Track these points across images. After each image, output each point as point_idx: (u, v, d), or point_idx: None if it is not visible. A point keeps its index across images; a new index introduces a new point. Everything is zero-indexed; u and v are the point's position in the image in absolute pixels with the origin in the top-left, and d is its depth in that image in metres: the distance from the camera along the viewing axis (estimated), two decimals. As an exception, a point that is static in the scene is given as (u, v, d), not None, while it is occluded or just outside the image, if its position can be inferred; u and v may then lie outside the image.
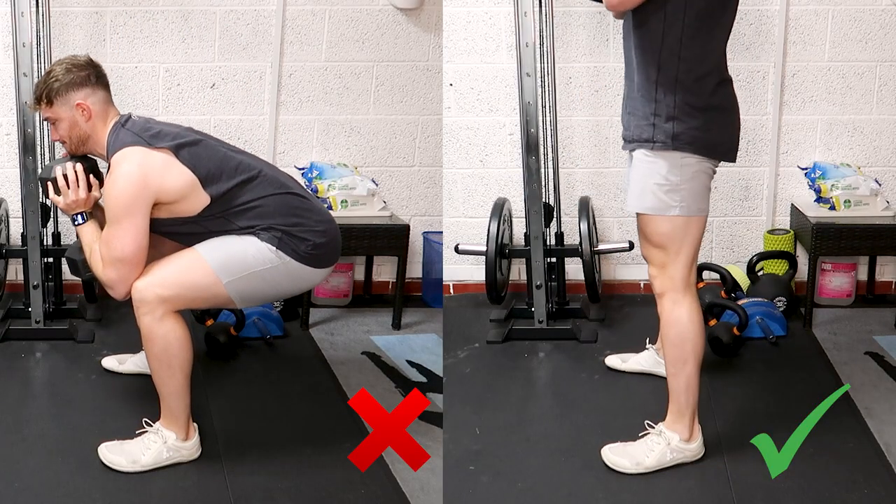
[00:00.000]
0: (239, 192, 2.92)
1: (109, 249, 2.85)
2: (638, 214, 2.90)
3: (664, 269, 2.89)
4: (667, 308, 2.91)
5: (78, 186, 2.95)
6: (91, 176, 2.99)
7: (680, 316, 2.89)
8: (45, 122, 3.83)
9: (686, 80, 2.75)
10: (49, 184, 2.98)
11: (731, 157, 2.90)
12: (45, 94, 2.92)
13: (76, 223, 2.98)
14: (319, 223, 3.00)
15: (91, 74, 2.95)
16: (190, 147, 2.90)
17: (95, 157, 3.03)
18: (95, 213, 3.01)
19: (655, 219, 2.85)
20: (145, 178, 2.82)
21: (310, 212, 3.00)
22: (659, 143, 2.78)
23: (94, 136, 2.95)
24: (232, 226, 2.93)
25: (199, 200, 2.89)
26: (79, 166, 2.96)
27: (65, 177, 2.94)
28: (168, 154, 2.86)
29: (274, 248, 2.92)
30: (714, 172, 2.87)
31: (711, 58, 2.79)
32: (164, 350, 2.89)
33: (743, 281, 4.13)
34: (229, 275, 2.90)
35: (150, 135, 2.89)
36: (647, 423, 3.03)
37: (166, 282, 2.87)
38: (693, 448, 2.98)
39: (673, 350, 2.93)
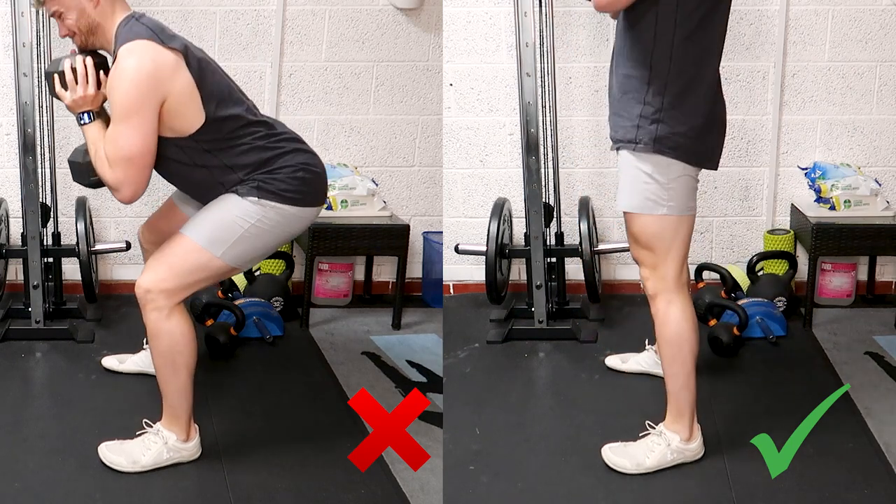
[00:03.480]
0: (232, 124, 2.83)
1: (116, 148, 2.73)
2: (626, 214, 2.89)
3: (655, 270, 2.88)
4: (661, 309, 2.90)
5: (87, 82, 2.81)
6: (101, 72, 2.83)
7: (674, 316, 2.88)
8: (45, 122, 3.84)
9: (676, 83, 2.74)
10: (56, 77, 2.82)
11: (711, 165, 2.88)
12: None
13: (82, 122, 2.82)
14: (299, 164, 2.91)
15: None
16: (200, 60, 2.80)
17: (106, 55, 2.89)
18: (102, 112, 2.89)
19: (643, 218, 2.84)
20: (158, 73, 2.70)
21: (289, 154, 2.91)
22: (642, 144, 2.77)
23: (103, 24, 2.79)
24: (216, 160, 2.84)
25: (194, 117, 2.77)
26: (89, 60, 2.81)
27: (73, 71, 2.80)
28: (179, 57, 2.74)
29: (255, 199, 2.85)
30: (697, 174, 2.85)
31: (704, 62, 2.78)
32: (169, 347, 2.88)
33: (743, 281, 4.13)
34: (220, 246, 2.85)
35: (165, 34, 2.77)
36: (648, 424, 3.03)
37: (167, 274, 2.84)
38: (693, 448, 2.98)
39: (669, 350, 2.93)
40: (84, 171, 2.91)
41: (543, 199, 3.90)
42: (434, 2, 4.26)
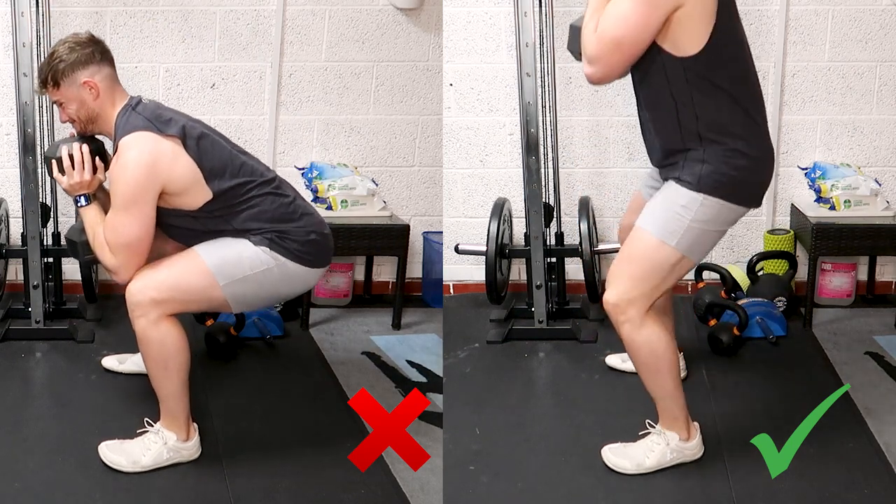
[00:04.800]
0: (240, 192, 2.90)
1: (116, 235, 2.82)
2: (637, 229, 2.84)
3: (624, 295, 2.81)
4: (627, 333, 2.84)
5: (83, 168, 2.90)
6: (97, 158, 2.94)
7: (645, 338, 2.83)
8: (45, 122, 3.84)
9: (710, 134, 2.70)
10: (54, 162, 2.92)
11: (755, 203, 2.84)
12: (51, 75, 2.86)
13: (79, 205, 2.94)
14: (310, 228, 2.98)
15: (95, 51, 2.89)
16: (197, 139, 2.87)
17: (103, 139, 2.98)
18: (98, 195, 2.97)
19: (652, 240, 2.79)
20: (155, 165, 2.79)
21: (301, 217, 2.98)
22: (685, 181, 2.74)
23: (102, 114, 2.90)
24: (228, 225, 2.91)
25: (200, 195, 2.86)
26: (85, 148, 2.91)
27: (70, 157, 2.90)
28: (177, 143, 2.82)
29: (268, 250, 2.90)
30: (734, 221, 2.83)
31: (735, 107, 2.71)
32: (159, 353, 2.88)
33: (743, 281, 4.13)
34: (226, 278, 2.88)
35: (161, 121, 2.85)
36: (648, 423, 3.03)
37: (161, 285, 2.84)
38: (692, 446, 2.99)
39: (646, 372, 2.91)
40: (79, 250, 3.02)
41: (543, 199, 3.90)
42: (434, 2, 4.26)
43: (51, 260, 3.96)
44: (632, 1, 2.59)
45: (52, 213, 3.94)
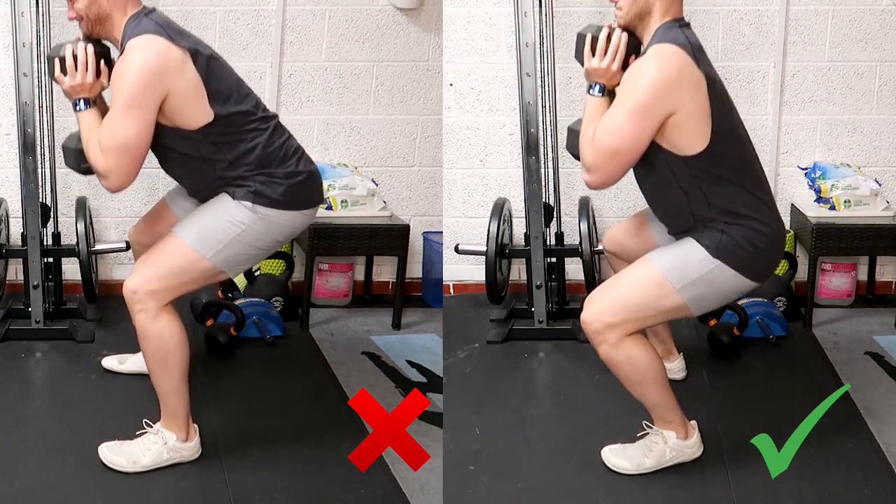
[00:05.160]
0: (240, 121, 2.83)
1: (112, 137, 2.72)
2: (646, 259, 2.83)
3: (607, 319, 2.78)
4: (605, 353, 2.82)
5: (86, 69, 2.80)
6: (102, 62, 2.81)
7: (624, 356, 2.81)
8: (45, 122, 3.84)
9: (724, 217, 2.73)
10: (56, 62, 2.80)
11: (765, 278, 2.85)
12: None
13: (77, 108, 2.82)
14: (300, 168, 2.92)
15: None
16: (207, 58, 2.79)
17: (109, 45, 2.88)
18: (98, 102, 2.88)
19: (659, 277, 2.76)
20: (163, 69, 2.69)
21: (292, 157, 2.92)
22: (705, 245, 2.76)
23: (112, 16, 2.79)
24: (221, 155, 2.83)
25: (201, 115, 2.77)
26: (90, 48, 2.79)
27: (74, 57, 2.80)
28: (186, 55, 2.74)
29: (249, 205, 2.85)
30: (741, 293, 2.85)
31: (743, 192, 2.74)
32: (159, 348, 2.87)
33: (743, 281, 4.12)
34: (209, 249, 2.84)
35: (174, 30, 2.77)
36: (646, 424, 3.03)
37: (154, 275, 2.83)
38: (690, 444, 2.99)
39: (630, 384, 2.90)
40: (75, 157, 2.91)
41: (543, 199, 3.90)
42: (434, 2, 4.26)
43: (51, 260, 3.96)
44: (626, 112, 2.64)
45: (52, 213, 3.94)
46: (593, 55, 2.77)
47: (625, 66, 2.74)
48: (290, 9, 4.19)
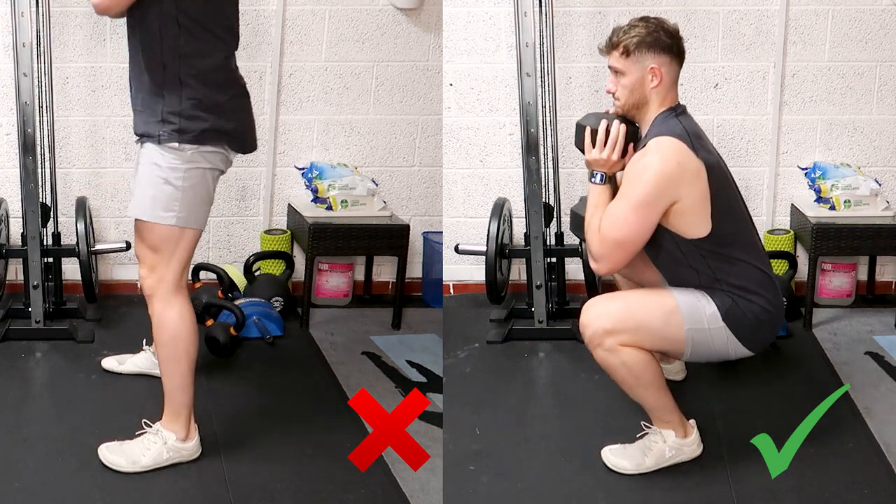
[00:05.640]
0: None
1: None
2: (670, 291, 2.90)
3: (609, 326, 2.83)
4: (602, 357, 2.88)
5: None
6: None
7: (620, 361, 2.86)
8: (45, 122, 3.84)
9: (734, 290, 2.85)
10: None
11: (762, 349, 2.97)
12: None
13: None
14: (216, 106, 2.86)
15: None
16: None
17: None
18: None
19: (674, 310, 2.85)
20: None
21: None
22: (716, 304, 2.86)
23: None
24: (167, 51, 2.76)
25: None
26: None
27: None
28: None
29: (176, 145, 2.79)
30: (739, 357, 2.96)
31: (752, 268, 2.85)
32: (172, 335, 2.89)
33: (743, 281, 4.12)
34: (169, 213, 2.83)
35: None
36: (644, 424, 3.03)
37: (151, 260, 2.88)
38: (689, 443, 2.99)
39: (627, 387, 2.93)
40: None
41: (543, 199, 3.89)
42: (434, 2, 4.26)
43: (51, 260, 3.96)
44: (630, 205, 2.76)
45: (52, 213, 3.94)
46: (593, 146, 2.87)
47: (624, 152, 2.86)
48: (290, 9, 4.19)
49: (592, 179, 2.90)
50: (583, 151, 2.92)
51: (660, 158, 2.74)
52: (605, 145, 2.86)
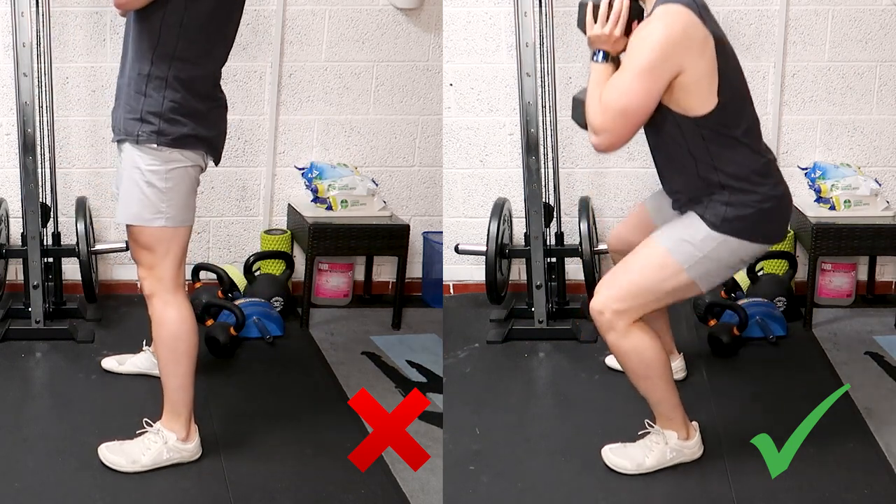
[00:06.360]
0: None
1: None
2: (651, 240, 2.84)
3: (614, 305, 2.80)
4: (613, 341, 2.86)
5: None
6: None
7: (632, 345, 2.85)
8: (45, 122, 3.84)
9: (732, 182, 2.74)
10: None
11: (778, 240, 2.87)
12: None
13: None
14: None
15: None
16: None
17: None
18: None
19: (665, 259, 2.79)
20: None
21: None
22: (708, 220, 2.76)
23: None
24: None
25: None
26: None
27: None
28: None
29: (154, 146, 2.77)
30: (755, 257, 2.91)
31: (753, 155, 2.76)
32: (171, 334, 2.89)
33: (743, 281, 4.13)
34: (156, 216, 2.81)
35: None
36: (647, 423, 3.03)
37: (147, 261, 2.88)
38: (691, 445, 2.99)
39: (635, 376, 2.92)
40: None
41: (543, 199, 3.90)
42: (434, 2, 4.26)
43: (51, 260, 3.96)
44: (633, 73, 2.65)
45: (52, 213, 3.94)
46: (595, 22, 2.77)
47: (627, 31, 2.75)
48: (290, 9, 4.19)
49: (594, 58, 2.77)
50: (584, 31, 2.80)
51: (664, 24, 2.61)
52: (606, 20, 2.75)
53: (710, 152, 2.73)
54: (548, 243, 3.98)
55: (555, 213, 4.02)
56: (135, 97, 2.80)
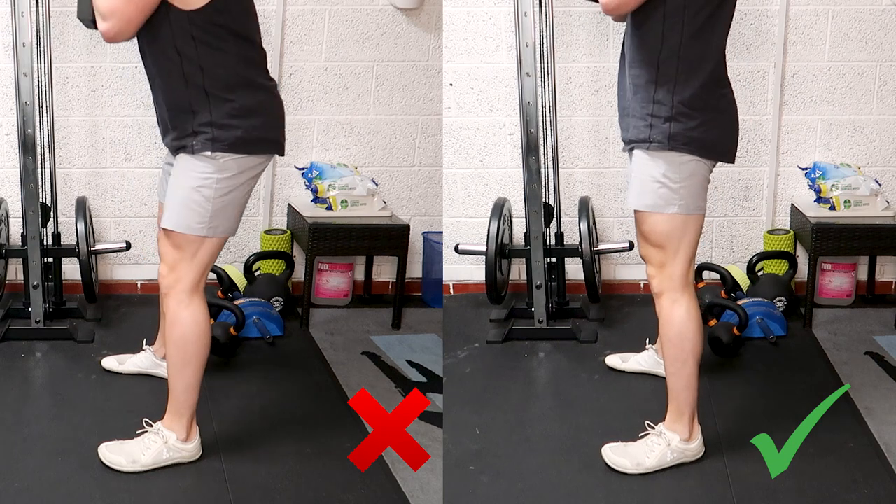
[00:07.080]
0: (227, 20, 2.70)
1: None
2: (636, 212, 2.90)
3: (662, 269, 2.89)
4: (665, 307, 2.92)
5: None
6: None
7: (679, 315, 2.90)
8: (45, 122, 3.84)
9: (685, 81, 2.76)
10: None
11: (728, 157, 2.90)
12: None
13: None
14: (256, 107, 2.81)
15: None
16: None
17: None
18: None
19: (654, 216, 2.85)
20: None
21: (258, 89, 2.82)
22: (656, 143, 2.79)
23: None
24: (193, 54, 2.70)
25: None
26: None
27: None
28: None
29: (209, 154, 2.76)
30: (710, 172, 2.88)
31: (711, 58, 2.79)
32: (182, 336, 2.89)
33: (743, 281, 4.13)
34: (201, 225, 2.81)
35: None
36: (648, 424, 3.03)
37: (180, 269, 2.86)
38: (693, 448, 2.99)
39: (672, 349, 2.93)
40: (88, 2, 2.75)
41: (543, 199, 3.90)
42: (434, 2, 4.26)
43: (51, 260, 3.96)
44: None
45: (52, 213, 3.94)
46: None
47: None
48: (290, 9, 4.19)
49: None
50: None
51: None
52: None
53: (682, 35, 2.75)
54: (548, 243, 3.98)
55: (555, 213, 4.02)
56: (183, 117, 2.75)
